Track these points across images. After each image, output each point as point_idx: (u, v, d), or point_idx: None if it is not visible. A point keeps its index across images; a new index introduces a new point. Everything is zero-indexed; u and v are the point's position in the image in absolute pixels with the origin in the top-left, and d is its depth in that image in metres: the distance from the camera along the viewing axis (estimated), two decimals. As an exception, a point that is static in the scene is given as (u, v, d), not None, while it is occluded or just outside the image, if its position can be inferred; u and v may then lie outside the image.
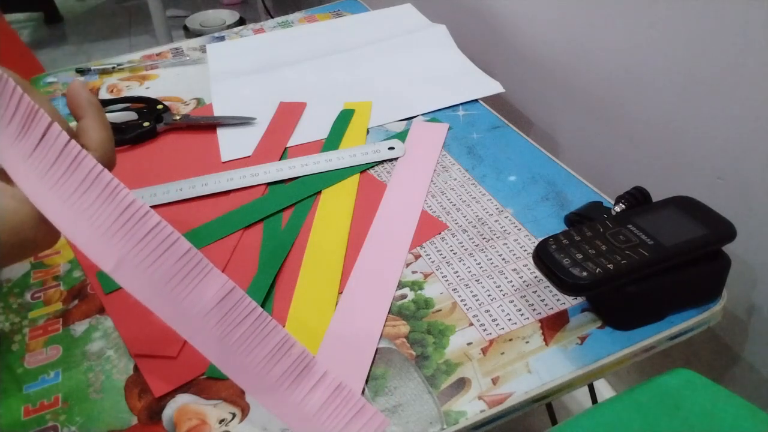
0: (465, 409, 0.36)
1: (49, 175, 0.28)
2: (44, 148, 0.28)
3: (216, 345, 0.30)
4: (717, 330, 0.53)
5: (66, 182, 0.28)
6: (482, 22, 0.78)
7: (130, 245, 0.28)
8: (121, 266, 0.28)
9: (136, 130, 0.62)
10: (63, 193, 0.28)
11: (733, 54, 0.45)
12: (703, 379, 0.38)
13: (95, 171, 0.28)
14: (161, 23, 1.69)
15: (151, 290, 0.29)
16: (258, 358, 0.31)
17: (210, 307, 0.30)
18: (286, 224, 0.51)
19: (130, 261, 0.28)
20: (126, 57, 0.80)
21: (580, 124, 0.66)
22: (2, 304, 0.45)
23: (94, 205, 0.28)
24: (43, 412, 0.37)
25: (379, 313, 0.42)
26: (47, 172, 0.28)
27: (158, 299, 0.29)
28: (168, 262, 0.29)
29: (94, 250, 0.28)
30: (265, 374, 0.31)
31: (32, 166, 0.28)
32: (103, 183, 0.28)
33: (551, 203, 0.51)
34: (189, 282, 0.29)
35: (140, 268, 0.28)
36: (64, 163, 0.28)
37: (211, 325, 0.30)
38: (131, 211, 0.28)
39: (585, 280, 0.36)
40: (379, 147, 0.58)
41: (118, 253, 0.28)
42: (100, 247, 0.28)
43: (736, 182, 0.48)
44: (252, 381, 0.31)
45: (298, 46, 0.79)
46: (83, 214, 0.28)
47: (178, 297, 0.29)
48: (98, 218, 0.28)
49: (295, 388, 0.31)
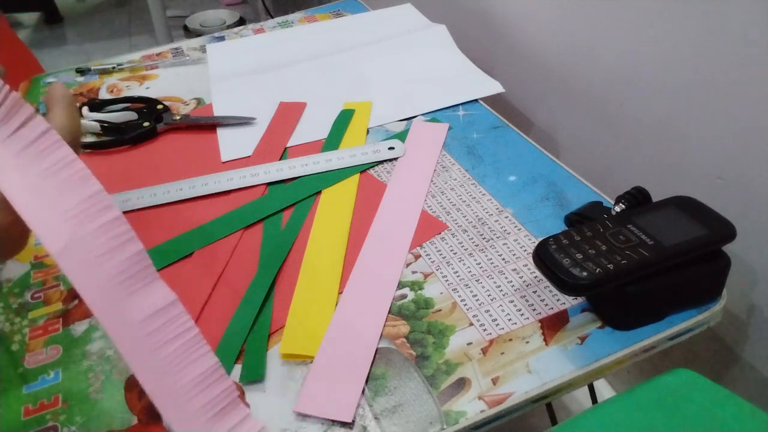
0: (465, 409, 0.36)
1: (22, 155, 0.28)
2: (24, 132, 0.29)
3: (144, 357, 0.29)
4: (717, 330, 0.53)
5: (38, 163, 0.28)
6: (482, 22, 0.78)
7: (83, 232, 0.28)
8: (68, 251, 0.27)
9: (136, 130, 0.62)
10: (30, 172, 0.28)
11: (733, 54, 0.45)
12: (703, 379, 0.38)
13: (69, 157, 0.28)
14: (161, 23, 1.69)
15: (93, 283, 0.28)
16: (183, 381, 0.29)
17: (148, 314, 0.29)
18: (286, 224, 0.51)
19: (80, 248, 0.28)
20: (126, 57, 0.80)
21: (580, 124, 0.66)
22: (2, 304, 0.45)
23: (59, 186, 0.28)
24: (43, 412, 0.37)
25: (379, 313, 0.42)
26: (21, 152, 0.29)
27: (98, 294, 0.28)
28: (117, 258, 0.28)
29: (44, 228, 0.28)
30: (186, 401, 0.29)
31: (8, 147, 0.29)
32: (74, 168, 0.28)
33: (551, 203, 0.51)
34: (133, 283, 0.29)
35: (87, 258, 0.28)
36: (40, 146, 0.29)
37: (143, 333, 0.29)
38: (94, 200, 0.28)
39: (585, 280, 0.36)
40: (379, 147, 0.58)
41: (68, 236, 0.28)
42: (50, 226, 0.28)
43: (736, 182, 0.48)
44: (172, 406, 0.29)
45: (298, 46, 0.79)
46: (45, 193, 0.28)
47: (118, 296, 0.28)
48: (59, 199, 0.28)
49: (213, 425, 0.29)
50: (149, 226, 0.51)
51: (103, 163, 0.60)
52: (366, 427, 0.35)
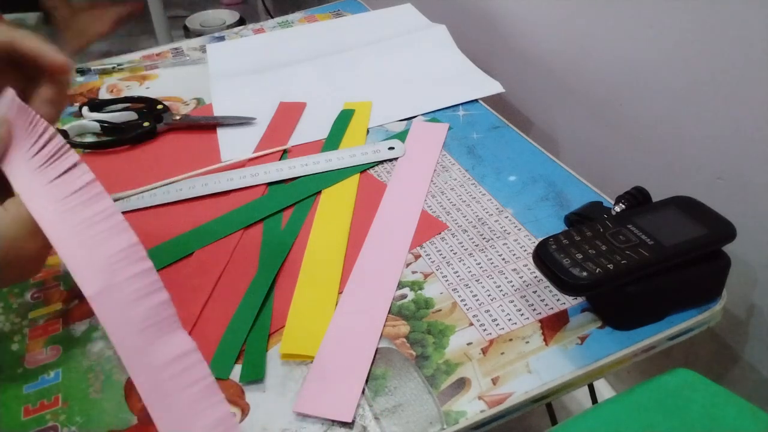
0: (465, 409, 0.36)
1: (66, 201, 0.31)
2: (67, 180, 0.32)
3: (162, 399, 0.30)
4: (717, 330, 0.53)
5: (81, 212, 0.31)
6: (482, 22, 0.78)
7: (117, 279, 0.30)
8: (101, 296, 0.30)
9: (136, 130, 0.62)
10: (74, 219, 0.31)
11: (733, 54, 0.45)
12: (703, 379, 0.38)
13: (110, 210, 0.31)
14: (161, 23, 1.68)
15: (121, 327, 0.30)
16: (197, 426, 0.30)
17: (168, 359, 0.31)
18: (286, 224, 0.51)
19: (112, 295, 0.30)
20: (126, 57, 0.80)
21: (580, 124, 0.66)
22: (2, 304, 0.45)
23: (99, 236, 0.31)
24: (43, 412, 0.37)
25: (379, 313, 0.42)
26: (64, 199, 0.32)
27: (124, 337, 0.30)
28: (145, 305, 0.30)
29: (82, 274, 0.30)
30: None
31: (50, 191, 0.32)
32: (115, 221, 0.31)
33: (551, 203, 0.51)
34: (159, 328, 0.31)
35: (118, 304, 0.30)
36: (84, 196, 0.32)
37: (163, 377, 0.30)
38: (129, 251, 0.31)
39: (585, 280, 0.36)
40: (379, 147, 0.58)
41: (103, 282, 0.30)
42: (88, 271, 0.30)
43: (736, 182, 0.48)
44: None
45: (298, 46, 0.79)
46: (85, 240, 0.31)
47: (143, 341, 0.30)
48: (98, 249, 0.31)
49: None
50: (149, 226, 0.51)
51: (103, 163, 0.60)
52: (366, 427, 0.35)
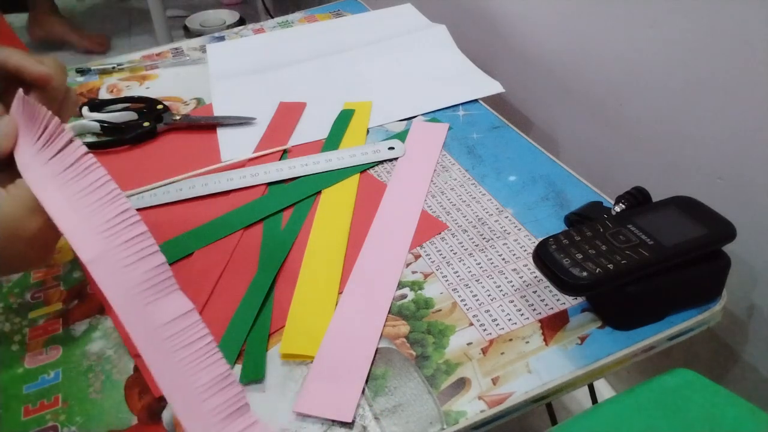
0: (465, 409, 0.36)
1: (62, 175, 0.33)
2: (64, 155, 0.34)
3: (162, 359, 0.31)
4: (717, 330, 0.53)
5: (75, 183, 0.33)
6: (482, 22, 0.78)
7: (112, 244, 0.32)
8: (99, 260, 0.31)
9: (136, 130, 0.62)
10: (69, 191, 0.33)
11: (733, 54, 0.45)
12: (703, 379, 0.38)
13: (103, 179, 0.33)
14: (161, 23, 1.68)
15: (119, 290, 0.31)
16: (198, 383, 0.32)
17: (167, 320, 0.32)
18: (286, 224, 0.50)
19: (109, 258, 0.31)
20: (126, 57, 0.80)
21: (580, 124, 0.66)
22: (2, 304, 0.45)
23: (93, 204, 0.32)
24: (43, 412, 0.37)
25: (379, 313, 0.42)
26: (60, 174, 0.33)
27: (123, 300, 0.31)
28: (141, 268, 0.32)
29: (78, 239, 0.31)
30: (199, 402, 0.32)
31: (48, 168, 0.33)
32: (107, 189, 0.33)
33: (551, 203, 0.51)
34: (155, 292, 0.32)
35: (115, 267, 0.31)
36: (78, 169, 0.33)
37: (164, 336, 0.31)
38: (124, 216, 0.32)
39: (585, 280, 0.36)
40: (379, 147, 0.58)
41: (99, 247, 0.31)
42: (84, 238, 0.31)
43: (736, 182, 0.48)
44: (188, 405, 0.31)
45: (298, 46, 0.79)
46: (81, 210, 0.32)
47: (141, 302, 0.31)
48: (93, 215, 0.32)
49: (224, 427, 0.32)
50: (149, 226, 0.51)
51: (103, 163, 0.58)
52: (366, 427, 0.35)
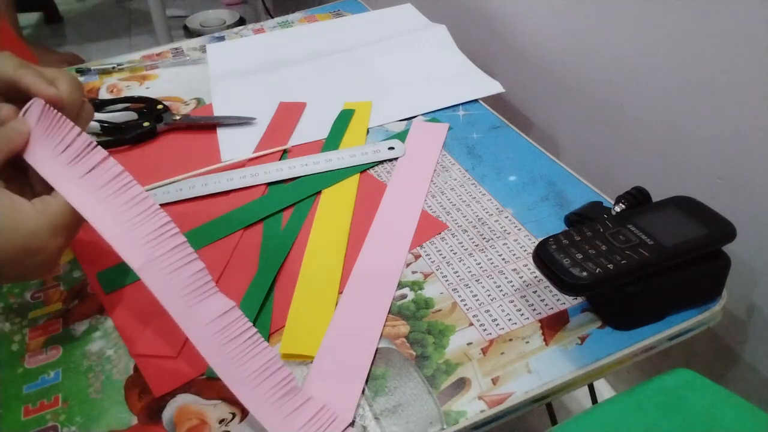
0: (465, 409, 0.36)
1: (101, 192, 0.36)
2: (98, 172, 0.36)
3: (216, 351, 0.35)
4: (717, 330, 0.53)
5: (115, 200, 0.36)
6: (482, 22, 0.78)
7: (157, 253, 0.35)
8: (146, 267, 0.35)
9: (136, 130, 0.62)
10: (110, 205, 0.36)
11: (733, 54, 0.45)
12: (703, 379, 0.38)
13: (141, 196, 0.36)
14: (161, 23, 1.68)
15: (168, 294, 0.35)
16: (249, 371, 0.35)
17: (213, 317, 0.35)
18: (286, 224, 0.50)
19: (155, 265, 0.35)
20: (126, 57, 0.80)
21: (580, 124, 0.66)
22: (2, 304, 0.45)
23: (135, 219, 0.36)
24: (43, 412, 0.37)
25: (379, 313, 0.42)
26: (99, 189, 0.36)
27: (173, 302, 0.35)
28: (185, 273, 0.36)
29: (126, 252, 0.35)
30: (255, 386, 0.35)
31: (85, 183, 0.36)
32: (147, 204, 0.36)
33: (551, 203, 0.51)
34: (199, 294, 0.36)
35: (162, 273, 0.35)
36: (116, 186, 0.36)
37: (212, 332, 0.35)
38: (164, 229, 0.36)
39: (585, 280, 0.36)
40: (379, 147, 0.58)
41: (145, 257, 0.35)
42: (131, 250, 0.35)
43: (736, 182, 0.48)
44: (243, 391, 0.35)
45: (298, 46, 0.79)
46: (124, 224, 0.36)
47: (188, 304, 0.35)
48: (136, 228, 0.36)
49: (280, 406, 0.35)
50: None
51: None
52: (366, 427, 0.35)
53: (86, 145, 0.37)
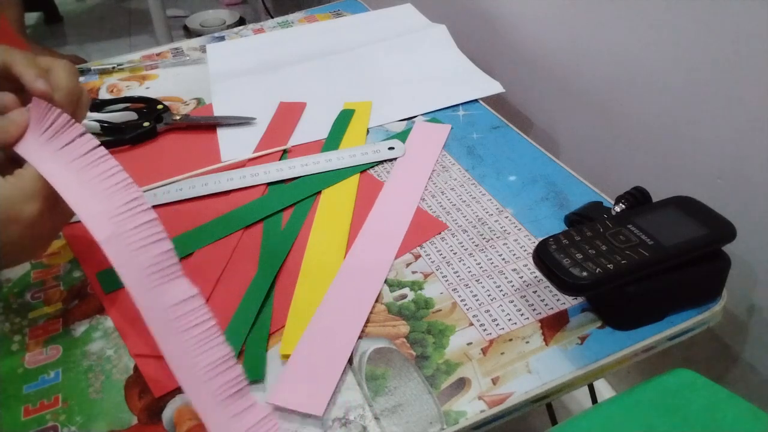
0: (465, 409, 0.36)
1: (75, 163, 0.36)
2: (75, 146, 0.36)
3: (171, 339, 0.34)
4: (717, 330, 0.53)
5: (88, 171, 0.35)
6: (482, 22, 0.78)
7: (126, 227, 0.34)
8: (110, 242, 0.34)
9: (136, 130, 0.62)
10: (82, 177, 0.35)
11: (733, 54, 0.45)
12: (703, 379, 0.38)
13: (115, 169, 0.35)
14: (161, 23, 1.68)
15: (130, 271, 0.34)
16: (202, 364, 0.34)
17: (175, 302, 0.34)
18: (286, 224, 0.51)
19: (122, 240, 0.34)
20: (126, 57, 0.80)
21: (580, 124, 0.66)
22: (2, 304, 0.45)
23: (107, 190, 0.35)
24: (43, 412, 0.37)
25: (361, 311, 0.42)
26: (73, 161, 0.36)
27: (134, 280, 0.34)
28: (152, 252, 0.34)
29: (93, 222, 0.34)
30: (204, 381, 0.34)
31: (61, 156, 0.36)
32: (119, 178, 0.35)
33: (551, 203, 0.51)
34: (163, 275, 0.34)
35: (128, 249, 0.34)
36: (91, 158, 0.36)
37: (171, 318, 0.34)
38: (135, 203, 0.35)
39: (585, 280, 0.36)
40: (379, 147, 0.58)
41: (111, 229, 0.34)
42: (99, 221, 0.34)
43: (736, 182, 0.48)
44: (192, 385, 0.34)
45: (298, 46, 0.79)
46: (95, 194, 0.35)
47: (150, 284, 0.34)
48: (106, 200, 0.35)
49: (227, 406, 0.34)
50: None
51: None
52: (366, 427, 0.35)
53: (65, 122, 0.37)
